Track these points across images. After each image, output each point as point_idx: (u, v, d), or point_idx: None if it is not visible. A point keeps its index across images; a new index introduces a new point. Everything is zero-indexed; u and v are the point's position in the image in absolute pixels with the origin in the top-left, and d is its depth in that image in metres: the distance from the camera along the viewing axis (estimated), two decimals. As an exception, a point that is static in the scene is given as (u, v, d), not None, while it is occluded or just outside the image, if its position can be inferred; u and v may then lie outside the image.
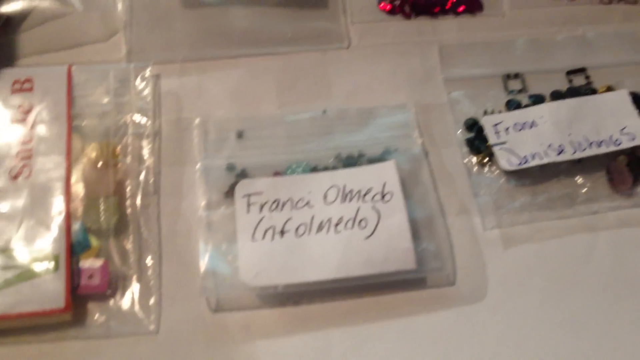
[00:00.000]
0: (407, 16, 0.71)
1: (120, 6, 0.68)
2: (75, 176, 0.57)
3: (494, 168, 0.61)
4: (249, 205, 0.57)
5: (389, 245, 0.55)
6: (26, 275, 0.53)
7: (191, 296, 0.55)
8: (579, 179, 0.61)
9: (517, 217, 0.59)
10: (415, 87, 0.67)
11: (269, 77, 0.67)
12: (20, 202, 0.56)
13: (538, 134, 0.61)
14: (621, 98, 0.64)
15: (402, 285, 0.55)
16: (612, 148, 0.61)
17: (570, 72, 0.68)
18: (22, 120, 0.59)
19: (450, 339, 0.54)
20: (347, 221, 0.56)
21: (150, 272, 0.56)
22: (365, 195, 0.57)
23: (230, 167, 0.60)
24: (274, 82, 0.66)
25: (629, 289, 0.57)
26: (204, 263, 0.55)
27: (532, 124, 0.62)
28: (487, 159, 0.62)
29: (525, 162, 0.60)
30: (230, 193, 0.58)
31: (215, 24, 0.68)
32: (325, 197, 0.57)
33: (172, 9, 0.69)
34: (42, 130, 0.59)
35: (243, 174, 0.60)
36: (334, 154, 0.61)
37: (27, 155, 0.57)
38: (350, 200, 0.57)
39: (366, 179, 0.58)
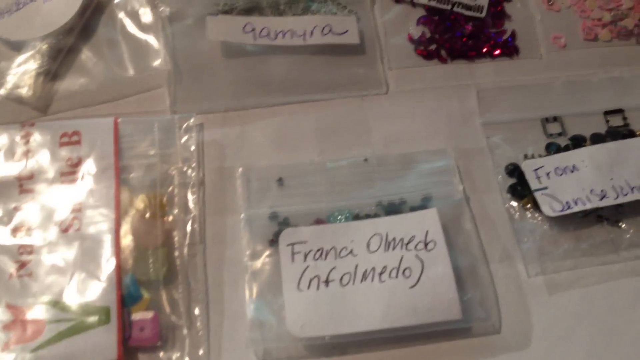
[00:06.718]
0: (444, 61, 0.72)
1: (162, 58, 0.69)
2: (124, 228, 0.59)
3: (536, 214, 0.62)
4: (293, 254, 0.58)
5: (433, 295, 0.55)
6: (78, 327, 0.54)
7: (238, 346, 0.56)
8: (623, 224, 0.62)
9: (561, 264, 0.60)
10: (453, 132, 0.67)
11: (309, 125, 0.68)
12: (71, 255, 0.57)
13: (579, 178, 0.62)
14: (662, 140, 0.64)
15: (447, 334, 0.56)
16: (655, 192, 0.61)
17: (608, 113, 0.68)
18: (71, 174, 0.61)
19: (497, 387, 0.55)
20: (391, 270, 0.56)
21: (198, 322, 0.57)
22: (408, 243, 0.58)
23: (273, 216, 0.61)
24: (314, 129, 0.67)
25: (677, 335, 0.57)
26: (250, 313, 0.56)
27: (573, 168, 0.62)
28: (529, 204, 0.62)
29: (568, 208, 0.60)
30: (274, 241, 0.59)
31: (256, 73, 0.70)
32: (368, 245, 0.58)
33: (213, 59, 0.70)
34: (90, 183, 0.60)
35: (286, 223, 0.61)
36: (376, 202, 0.62)
37: (77, 208, 0.59)
38: (394, 248, 0.58)
39: (409, 227, 0.59)
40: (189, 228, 0.60)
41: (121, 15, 0.72)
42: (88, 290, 0.55)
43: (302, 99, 0.69)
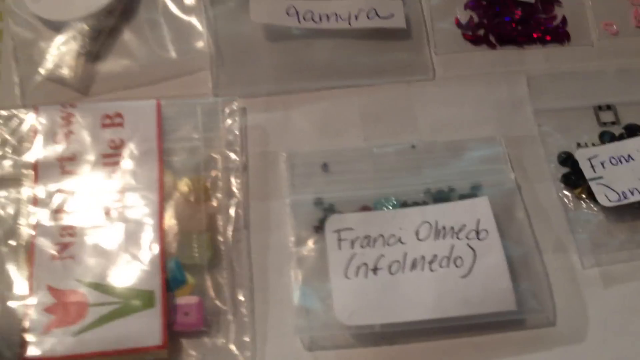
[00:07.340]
0: (492, 46, 0.70)
1: (205, 40, 0.68)
2: (168, 212, 0.57)
3: (591, 204, 0.60)
4: (339, 240, 0.56)
5: (486, 285, 0.54)
6: (122, 311, 0.53)
7: (284, 333, 0.55)
8: (681, 215, 0.59)
9: (617, 255, 0.58)
10: (503, 119, 0.66)
11: (353, 110, 0.66)
12: (113, 237, 0.56)
13: (635, 168, 0.60)
14: None
15: (500, 326, 0.54)
16: None
17: (663, 102, 0.66)
18: (114, 156, 0.59)
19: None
20: (442, 259, 0.55)
21: (243, 308, 0.55)
22: (458, 232, 0.56)
23: (318, 202, 0.60)
24: (359, 114, 0.66)
25: None
26: (296, 300, 0.55)
27: (629, 158, 0.60)
28: (583, 194, 0.60)
29: (624, 198, 0.58)
30: (319, 228, 0.58)
31: (300, 57, 0.68)
32: (417, 233, 0.57)
33: (256, 42, 0.69)
34: (133, 165, 0.59)
35: (331, 209, 0.59)
36: (424, 189, 0.60)
37: (120, 191, 0.58)
38: (444, 237, 0.56)
39: (459, 215, 0.57)
40: (232, 213, 0.59)
41: (163, -4, 0.71)
42: (132, 274, 0.54)
43: (346, 84, 0.67)
